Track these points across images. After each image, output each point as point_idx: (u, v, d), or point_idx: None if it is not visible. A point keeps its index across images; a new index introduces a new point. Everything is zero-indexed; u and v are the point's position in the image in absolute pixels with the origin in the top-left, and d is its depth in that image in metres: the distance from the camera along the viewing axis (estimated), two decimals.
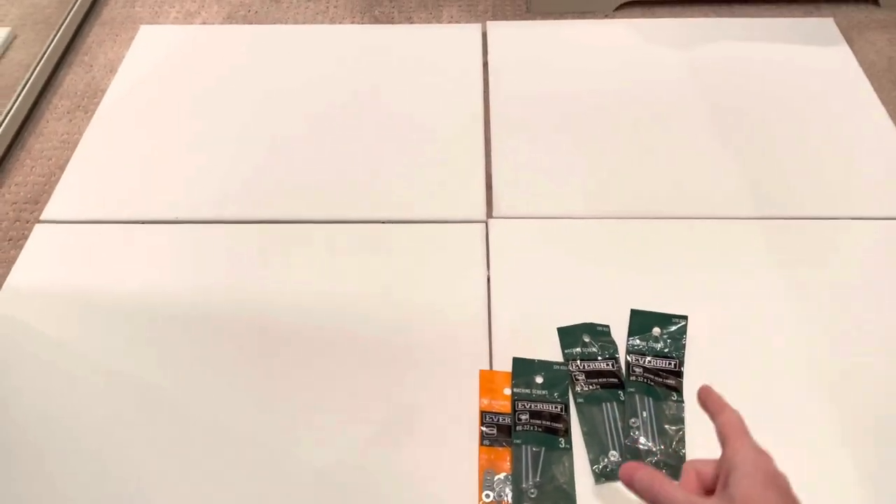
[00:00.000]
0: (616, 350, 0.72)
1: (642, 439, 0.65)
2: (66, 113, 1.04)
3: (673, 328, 0.73)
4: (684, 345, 0.72)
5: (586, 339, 0.73)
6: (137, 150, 0.95)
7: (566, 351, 0.72)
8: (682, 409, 0.67)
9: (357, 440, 0.67)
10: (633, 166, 0.90)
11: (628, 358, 0.71)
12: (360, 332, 0.75)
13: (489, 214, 0.86)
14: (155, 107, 1.01)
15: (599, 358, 0.71)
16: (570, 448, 0.65)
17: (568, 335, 0.73)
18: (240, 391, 0.71)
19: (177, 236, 0.85)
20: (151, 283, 0.80)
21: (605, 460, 0.65)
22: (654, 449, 0.65)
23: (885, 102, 0.97)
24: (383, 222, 0.85)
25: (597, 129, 0.95)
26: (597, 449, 0.66)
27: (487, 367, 0.72)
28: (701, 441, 0.65)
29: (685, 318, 0.73)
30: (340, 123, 0.97)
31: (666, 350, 0.71)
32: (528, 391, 0.69)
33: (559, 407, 0.68)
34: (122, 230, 0.86)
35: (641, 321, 0.74)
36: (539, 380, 0.70)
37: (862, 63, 1.03)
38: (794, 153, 0.91)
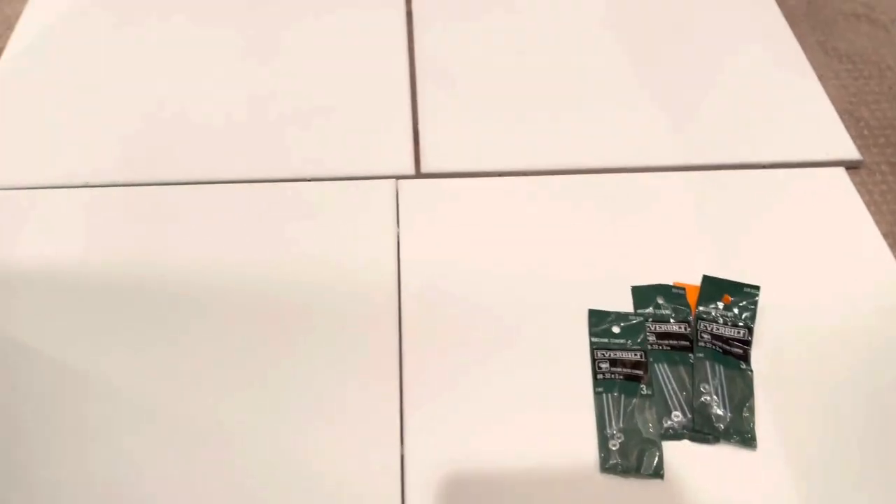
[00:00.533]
0: (689, 314, 0.72)
1: (714, 405, 0.67)
2: None
3: (745, 298, 0.73)
4: (755, 314, 0.72)
5: (660, 301, 0.73)
6: (37, 111, 0.91)
7: (638, 311, 0.73)
8: (751, 379, 0.68)
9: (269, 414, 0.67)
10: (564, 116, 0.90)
11: (698, 325, 0.72)
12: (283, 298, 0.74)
13: (417, 171, 0.85)
14: (56, 65, 0.96)
15: (672, 320, 0.72)
16: (653, 395, 0.67)
17: (642, 295, 0.73)
18: (146, 362, 0.70)
19: (77, 201, 0.82)
20: (51, 251, 0.78)
21: (669, 421, 0.66)
22: (723, 415, 0.66)
23: (804, 48, 0.98)
24: (308, 180, 0.84)
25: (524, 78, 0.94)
26: (661, 409, 0.67)
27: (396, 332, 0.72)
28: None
29: (758, 287, 0.74)
30: (251, 77, 0.94)
31: (736, 319, 0.72)
32: (605, 340, 0.70)
33: (639, 354, 0.69)
34: (28, 196, 0.82)
35: (712, 288, 0.74)
36: (616, 329, 0.70)
37: (781, 7, 1.03)
38: (716, 98, 0.92)
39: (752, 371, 0.69)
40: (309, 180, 0.83)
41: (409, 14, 1.01)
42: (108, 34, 1.00)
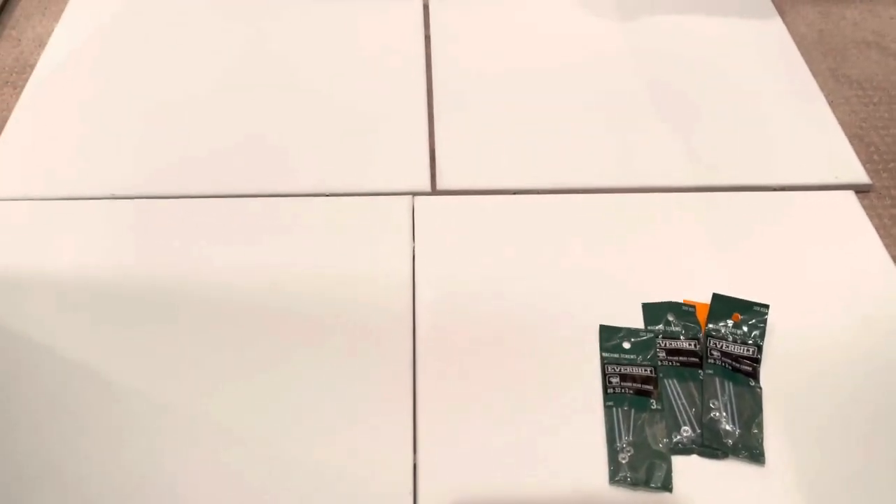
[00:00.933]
0: (699, 331, 0.73)
1: (723, 421, 0.67)
2: None
3: (754, 317, 0.74)
4: (764, 332, 0.73)
5: (670, 318, 0.74)
6: (69, 125, 0.93)
7: (649, 327, 0.74)
8: (760, 396, 0.69)
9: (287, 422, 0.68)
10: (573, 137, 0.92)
11: (707, 342, 0.73)
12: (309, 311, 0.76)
13: (433, 188, 0.86)
14: (86, 81, 0.99)
15: (682, 337, 0.73)
16: (663, 409, 0.68)
17: (652, 312, 0.75)
18: (164, 369, 0.71)
19: (104, 212, 0.84)
20: (85, 261, 0.79)
21: (678, 436, 0.67)
22: (732, 430, 0.67)
23: (815, 74, 1.00)
24: (326, 195, 0.85)
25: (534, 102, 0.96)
26: (670, 423, 0.68)
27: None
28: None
29: (767, 306, 0.75)
30: (273, 95, 0.96)
31: (745, 337, 0.73)
32: (616, 356, 0.71)
33: (649, 369, 0.70)
34: (55, 207, 0.85)
35: (722, 306, 0.75)
36: (626, 345, 0.71)
37: (793, 35, 1.05)
38: (729, 122, 0.94)
39: (760, 388, 0.70)
40: (327, 195, 0.85)
41: (426, 35, 1.04)
42: (135, 52, 1.03)
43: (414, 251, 0.80)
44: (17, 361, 0.72)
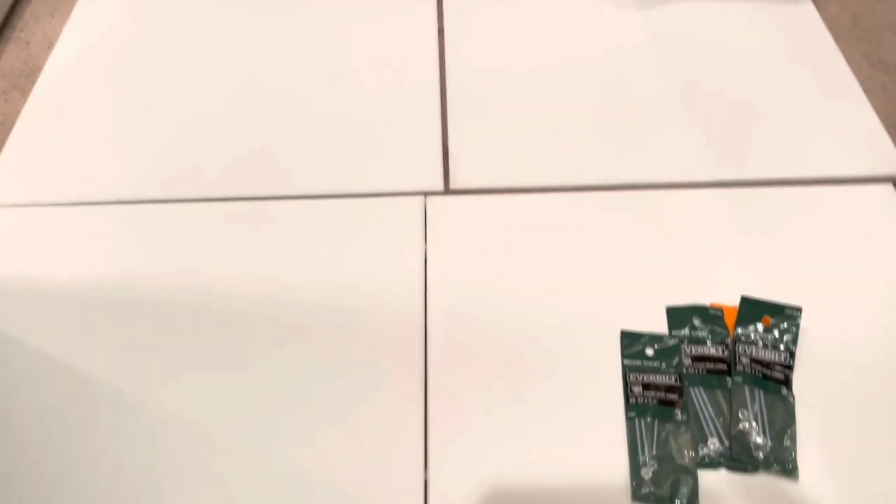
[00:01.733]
0: (727, 336, 0.69)
1: (753, 433, 0.64)
2: (1, 93, 0.99)
3: (785, 320, 0.70)
4: (797, 337, 0.69)
5: (696, 322, 0.70)
6: (76, 130, 0.91)
7: (673, 332, 0.70)
8: (793, 406, 0.65)
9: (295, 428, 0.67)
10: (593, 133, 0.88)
11: (736, 348, 0.69)
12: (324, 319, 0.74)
13: (446, 187, 0.83)
14: (94, 84, 0.97)
15: (709, 342, 0.69)
16: (689, 420, 0.64)
17: (677, 316, 0.71)
18: (184, 377, 0.70)
19: (111, 217, 0.83)
20: (92, 265, 0.78)
21: (705, 448, 0.64)
22: (762, 443, 0.63)
23: (848, 60, 0.94)
24: (337, 196, 0.83)
25: (556, 94, 0.92)
26: (696, 435, 0.64)
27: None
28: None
29: (800, 309, 0.71)
30: (282, 95, 0.94)
31: (776, 342, 0.69)
32: (638, 363, 0.67)
33: (674, 377, 0.66)
34: (62, 212, 0.83)
35: (751, 309, 0.71)
36: (650, 352, 0.68)
37: (825, 19, 1.00)
38: (757, 112, 0.89)
39: (793, 397, 0.66)
40: (337, 196, 0.83)
41: (440, 31, 1.01)
42: (143, 54, 1.01)
43: (426, 253, 0.77)
44: (21, 367, 0.71)
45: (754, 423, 0.64)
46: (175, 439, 0.66)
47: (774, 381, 0.66)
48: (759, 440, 0.63)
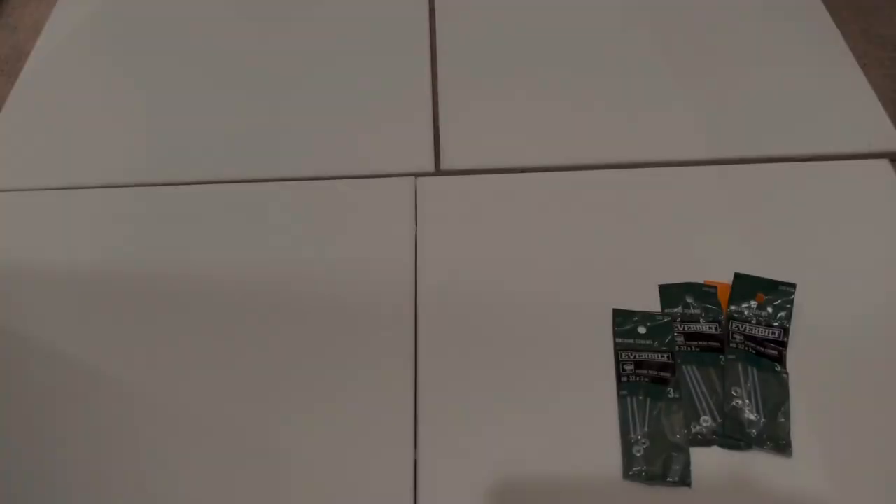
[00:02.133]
0: (720, 314, 0.69)
1: (746, 410, 0.63)
2: None
3: (779, 297, 0.69)
4: (791, 314, 0.68)
5: (689, 300, 0.70)
6: (63, 114, 0.91)
7: (666, 310, 0.69)
8: (786, 382, 0.65)
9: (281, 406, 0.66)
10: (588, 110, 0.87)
11: (729, 325, 0.68)
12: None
13: (437, 167, 0.82)
14: (81, 69, 0.96)
15: (702, 320, 0.68)
16: (681, 398, 0.64)
17: (670, 294, 0.70)
18: (161, 361, 0.70)
19: (99, 201, 0.82)
20: (81, 250, 0.78)
21: (697, 426, 0.63)
22: (755, 420, 0.62)
23: (844, 34, 0.93)
24: (327, 178, 0.82)
25: (546, 72, 0.91)
26: (689, 413, 0.64)
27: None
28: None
29: (794, 285, 0.70)
30: (270, 75, 0.93)
31: (770, 319, 0.68)
32: (631, 341, 0.67)
33: (666, 355, 0.65)
34: (50, 197, 0.83)
35: (745, 286, 0.70)
36: (642, 330, 0.67)
37: None
38: (752, 88, 0.87)
39: (787, 374, 0.65)
40: (328, 178, 0.82)
41: (431, 10, 0.99)
42: (131, 38, 1.00)
43: (416, 235, 0.76)
44: (10, 354, 0.71)
45: (747, 401, 0.63)
46: (160, 424, 0.66)
47: (768, 357, 0.66)
48: (752, 417, 0.63)
